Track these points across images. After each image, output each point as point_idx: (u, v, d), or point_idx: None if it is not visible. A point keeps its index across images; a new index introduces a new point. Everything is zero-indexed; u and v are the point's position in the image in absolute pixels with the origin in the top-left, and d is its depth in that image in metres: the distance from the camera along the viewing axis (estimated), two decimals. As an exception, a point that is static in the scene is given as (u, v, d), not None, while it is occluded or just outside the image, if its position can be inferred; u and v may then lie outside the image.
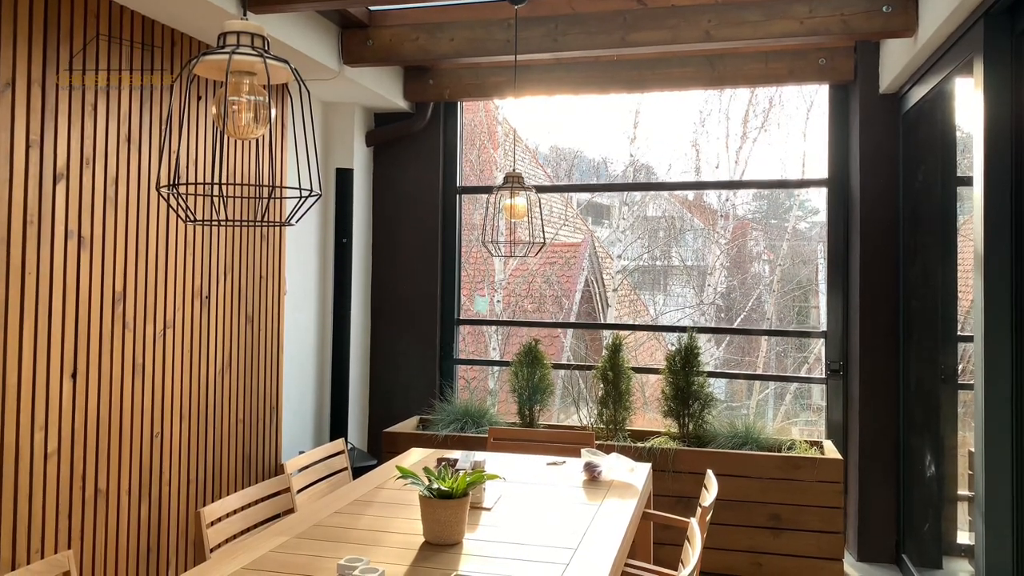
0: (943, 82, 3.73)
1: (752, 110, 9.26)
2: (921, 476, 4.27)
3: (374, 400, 5.45)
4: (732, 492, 4.28)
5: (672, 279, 10.09)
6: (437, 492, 2.46)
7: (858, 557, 4.49)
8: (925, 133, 4.27)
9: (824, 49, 4.63)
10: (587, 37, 4.21)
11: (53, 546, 3.02)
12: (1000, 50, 3.01)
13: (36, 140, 2.94)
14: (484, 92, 5.13)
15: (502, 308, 9.13)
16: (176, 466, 3.68)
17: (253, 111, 1.75)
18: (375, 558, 2.34)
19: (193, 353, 3.78)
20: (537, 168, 10.08)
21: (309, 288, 5.00)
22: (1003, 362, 2.96)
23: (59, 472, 3.06)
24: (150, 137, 3.48)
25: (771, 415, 8.73)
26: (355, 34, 4.47)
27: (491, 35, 4.36)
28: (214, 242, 3.91)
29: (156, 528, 3.56)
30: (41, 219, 2.97)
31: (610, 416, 4.76)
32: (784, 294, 9.37)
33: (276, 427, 4.45)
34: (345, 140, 5.18)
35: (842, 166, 4.82)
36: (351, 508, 2.88)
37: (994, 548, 2.94)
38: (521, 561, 2.37)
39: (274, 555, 2.38)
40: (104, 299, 3.26)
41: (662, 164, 9.39)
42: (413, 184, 5.41)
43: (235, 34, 1.73)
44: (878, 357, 4.50)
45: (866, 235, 4.54)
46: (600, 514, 2.85)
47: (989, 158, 3.03)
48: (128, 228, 3.38)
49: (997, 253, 3.00)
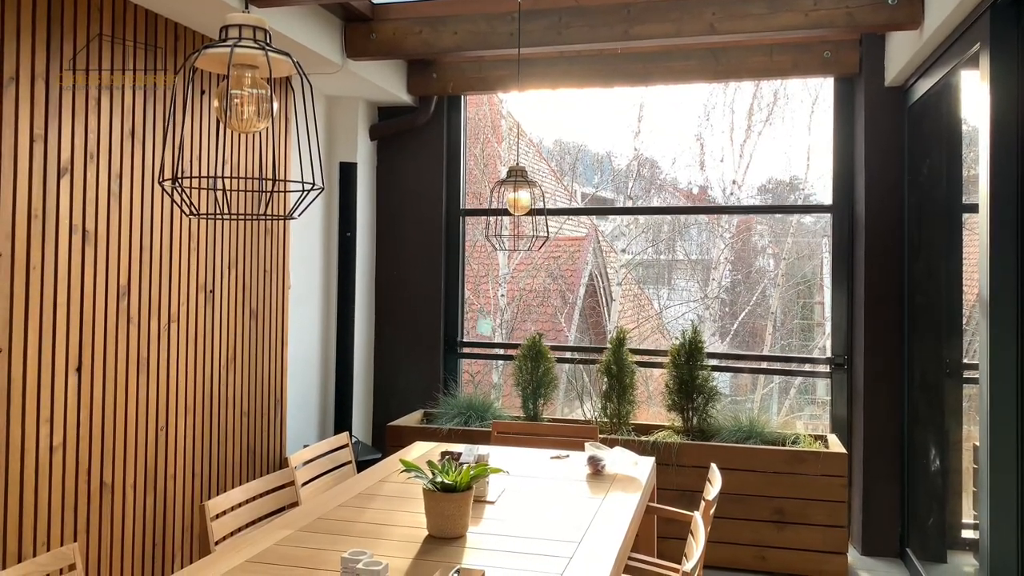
0: (949, 75, 3.71)
1: (757, 103, 9.23)
2: (925, 470, 4.27)
3: (378, 394, 5.46)
4: (736, 486, 4.28)
5: (676, 273, 10.08)
6: (441, 485, 2.47)
7: (862, 551, 4.49)
8: (931, 126, 4.25)
9: (829, 42, 4.61)
10: (590, 30, 4.20)
11: (59, 539, 3.03)
12: (1006, 42, 2.99)
13: (40, 135, 2.94)
14: (488, 86, 5.12)
15: (506, 302, 9.12)
16: (181, 460, 3.69)
17: (255, 104, 1.75)
18: (379, 551, 2.35)
19: (198, 347, 3.79)
20: (541, 162, 10.06)
21: (313, 282, 5.00)
22: (1008, 355, 2.95)
23: (65, 466, 3.07)
24: (154, 131, 3.48)
25: (775, 409, 8.72)
26: (358, 28, 4.46)
27: (494, 28, 4.35)
28: (218, 236, 3.92)
29: (161, 521, 3.58)
30: (46, 214, 2.97)
31: (614, 410, 4.77)
32: (789, 288, 9.35)
33: (280, 421, 4.46)
34: (349, 134, 5.17)
35: (847, 159, 4.81)
36: (355, 501, 2.88)
37: (998, 542, 2.94)
38: (524, 554, 2.38)
39: (278, 548, 2.39)
40: (109, 293, 3.27)
41: (666, 158, 9.37)
42: (417, 178, 5.41)
43: (237, 27, 1.73)
44: (882, 351, 4.49)
45: (871, 228, 4.52)
46: (604, 508, 2.85)
47: (995, 151, 3.01)
48: (133, 223, 3.39)
49: (1002, 246, 2.99)
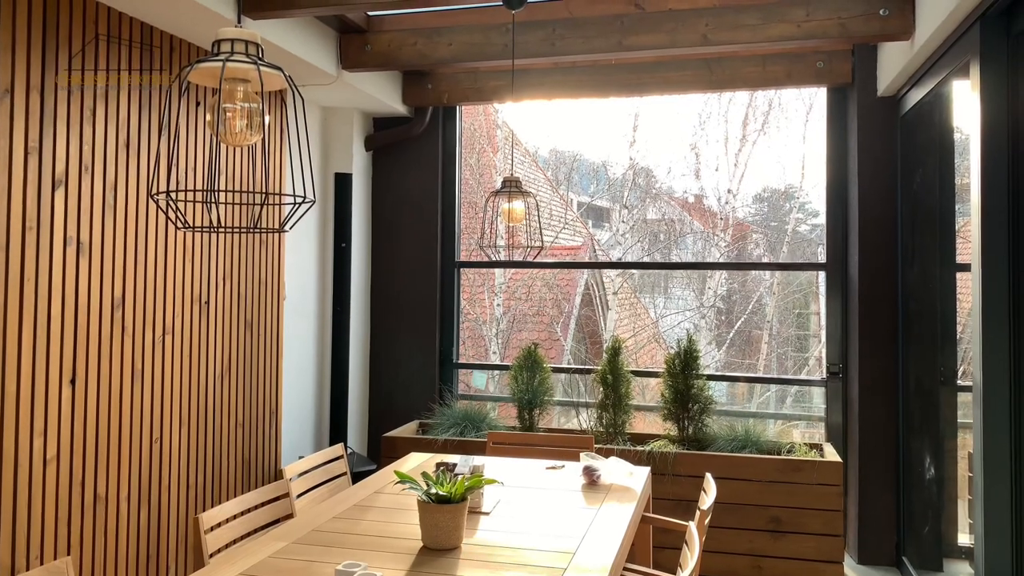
0: (940, 85, 3.73)
1: (751, 113, 9.27)
2: (921, 478, 4.27)
3: (374, 405, 5.45)
4: (732, 495, 4.28)
5: (672, 282, 10.10)
6: (435, 497, 2.47)
7: (858, 560, 4.48)
8: (923, 136, 4.28)
9: (822, 52, 4.63)
10: (584, 41, 4.22)
11: (53, 552, 3.02)
12: (996, 52, 3.01)
13: (35, 146, 2.95)
14: (483, 96, 5.14)
15: (502, 312, 9.13)
16: (175, 472, 3.68)
17: (247, 118, 1.76)
18: (373, 563, 2.34)
19: (192, 358, 3.79)
20: (537, 171, 10.08)
21: (308, 293, 5.00)
22: (1001, 364, 2.96)
23: (58, 478, 3.06)
24: (149, 143, 3.48)
25: (772, 414, 8.72)
26: (353, 39, 4.48)
27: (489, 40, 4.37)
28: (213, 248, 3.92)
29: (155, 534, 3.56)
30: (40, 225, 2.97)
31: (610, 420, 4.76)
32: (784, 296, 9.37)
33: (276, 432, 4.45)
34: (344, 145, 5.18)
35: (841, 168, 4.82)
36: (350, 513, 2.88)
37: (993, 550, 2.94)
38: (519, 565, 2.37)
39: (272, 560, 2.38)
40: (103, 305, 3.27)
41: (661, 167, 9.41)
42: (413, 188, 5.42)
43: (229, 41, 1.74)
44: (877, 359, 4.50)
45: (865, 237, 4.54)
46: (599, 518, 2.85)
47: (986, 160, 3.03)
48: (127, 234, 3.39)
49: (995, 254, 3.00)
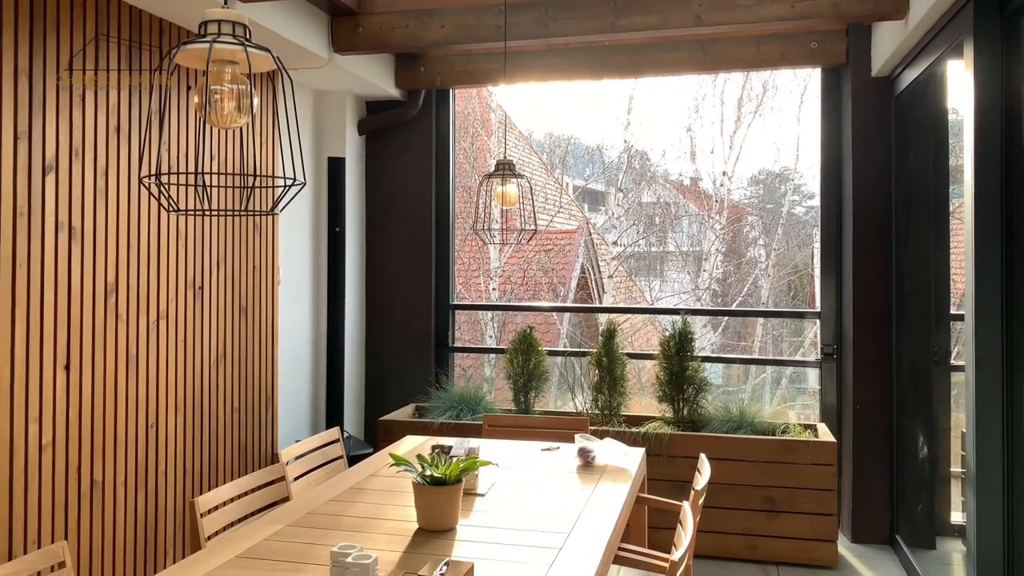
0: (934, 65, 3.72)
1: (746, 95, 9.24)
2: (914, 457, 4.30)
3: (370, 388, 5.46)
4: (727, 476, 4.30)
5: (668, 265, 10.11)
6: (430, 479, 2.48)
7: (852, 538, 4.52)
8: (917, 116, 4.27)
9: (816, 32, 4.61)
10: (577, 22, 4.19)
11: (49, 538, 3.03)
12: (989, 31, 3.00)
13: (24, 132, 2.93)
14: (476, 79, 5.11)
15: (498, 296, 9.13)
16: (172, 457, 3.69)
17: (235, 100, 1.75)
18: (369, 545, 2.35)
19: (187, 344, 3.79)
20: (531, 155, 10.05)
21: (303, 277, 4.99)
22: (993, 343, 2.97)
23: (54, 464, 3.07)
24: (140, 128, 3.46)
25: (767, 399, 8.76)
26: (344, 21, 4.44)
27: (481, 21, 4.34)
28: (207, 233, 3.91)
29: (152, 519, 3.58)
30: (31, 211, 2.96)
31: (605, 402, 4.78)
32: (780, 278, 9.38)
33: (272, 416, 4.46)
34: (337, 129, 5.16)
35: (835, 149, 4.82)
36: (345, 496, 2.89)
37: (986, 528, 2.97)
38: (514, 546, 2.39)
39: (268, 543, 2.39)
40: (96, 291, 3.26)
41: (656, 150, 9.40)
42: (406, 172, 5.40)
43: (216, 22, 1.72)
44: (871, 339, 4.52)
45: (859, 218, 4.54)
46: (593, 499, 2.87)
47: (979, 140, 3.03)
48: (119, 219, 3.38)
49: (987, 234, 3.01)
